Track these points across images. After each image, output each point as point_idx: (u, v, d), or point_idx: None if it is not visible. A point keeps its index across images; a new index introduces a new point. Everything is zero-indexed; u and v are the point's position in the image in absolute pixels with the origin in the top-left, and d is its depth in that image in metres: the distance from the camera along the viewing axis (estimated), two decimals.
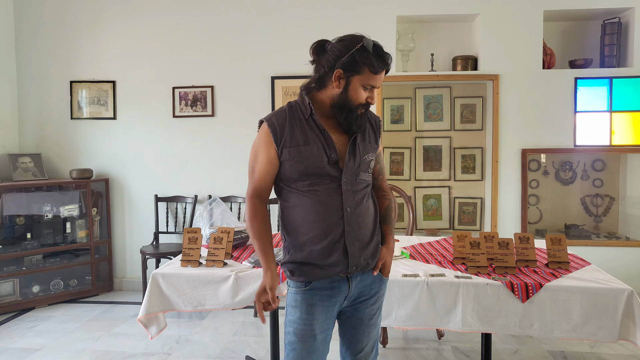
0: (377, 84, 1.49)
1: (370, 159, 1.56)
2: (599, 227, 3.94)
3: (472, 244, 2.11)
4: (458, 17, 3.86)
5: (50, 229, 3.94)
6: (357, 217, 1.51)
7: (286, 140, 1.49)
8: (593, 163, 3.94)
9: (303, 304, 1.51)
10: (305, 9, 3.88)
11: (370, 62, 1.45)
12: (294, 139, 1.49)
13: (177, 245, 3.87)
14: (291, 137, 1.49)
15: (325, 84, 1.53)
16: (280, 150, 1.49)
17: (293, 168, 1.49)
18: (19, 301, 3.68)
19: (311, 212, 1.49)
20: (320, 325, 1.52)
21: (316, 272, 1.50)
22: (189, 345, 3.00)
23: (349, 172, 1.50)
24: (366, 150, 1.56)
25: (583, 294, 1.88)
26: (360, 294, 1.58)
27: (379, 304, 1.64)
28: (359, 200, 1.52)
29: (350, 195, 1.50)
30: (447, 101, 4.10)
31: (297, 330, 1.51)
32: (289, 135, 1.50)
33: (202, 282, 2.10)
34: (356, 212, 1.50)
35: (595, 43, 3.89)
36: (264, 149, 1.51)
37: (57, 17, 4.10)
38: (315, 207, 1.49)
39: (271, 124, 1.52)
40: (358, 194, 1.52)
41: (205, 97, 4.01)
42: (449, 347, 2.93)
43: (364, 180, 1.55)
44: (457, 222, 4.15)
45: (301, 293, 1.52)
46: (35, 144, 4.17)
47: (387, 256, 1.60)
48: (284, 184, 1.54)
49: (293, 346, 1.52)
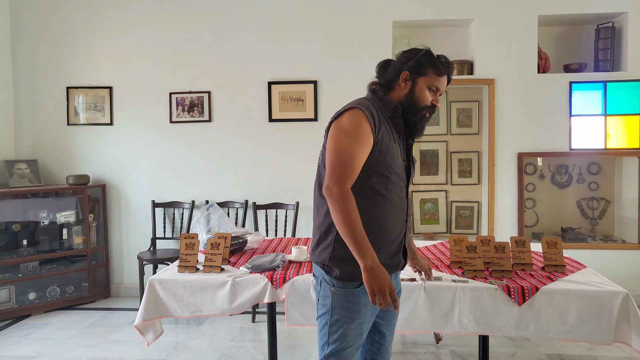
0: (442, 87, 1.57)
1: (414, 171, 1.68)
2: (595, 230, 3.96)
3: (469, 248, 2.11)
4: (454, 22, 3.89)
5: (47, 235, 3.93)
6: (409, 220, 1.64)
7: (382, 133, 1.48)
8: (588, 166, 3.96)
9: (356, 304, 1.50)
10: (302, 15, 3.90)
11: (435, 64, 1.54)
12: (386, 134, 1.50)
13: (174, 251, 3.86)
14: (384, 131, 1.50)
15: (392, 87, 1.58)
16: (376, 141, 1.46)
17: (381, 163, 1.46)
18: (15, 308, 3.66)
19: (386, 214, 1.50)
20: (367, 324, 1.57)
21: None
22: (186, 352, 2.99)
23: (410, 179, 1.63)
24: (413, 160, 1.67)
25: (579, 297, 1.89)
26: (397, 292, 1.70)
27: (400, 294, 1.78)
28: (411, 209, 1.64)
29: (410, 203, 1.64)
30: (444, 105, 4.12)
31: (348, 330, 1.50)
32: (383, 128, 1.49)
33: (200, 288, 2.10)
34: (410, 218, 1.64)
35: (590, 47, 3.92)
36: (363, 136, 1.43)
37: (53, 23, 4.10)
38: (390, 208, 1.52)
39: (369, 113, 1.46)
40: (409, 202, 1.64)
41: (202, 103, 4.02)
42: (447, 351, 2.93)
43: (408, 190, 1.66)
44: (454, 226, 4.16)
45: (351, 294, 1.50)
46: (32, 150, 4.17)
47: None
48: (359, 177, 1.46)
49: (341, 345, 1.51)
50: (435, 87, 1.55)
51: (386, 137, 1.49)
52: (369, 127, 1.44)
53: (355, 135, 1.43)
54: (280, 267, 2.19)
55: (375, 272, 1.38)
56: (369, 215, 1.47)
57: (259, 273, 2.12)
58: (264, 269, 2.16)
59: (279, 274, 2.11)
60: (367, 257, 1.38)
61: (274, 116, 3.96)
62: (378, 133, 1.46)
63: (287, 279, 2.08)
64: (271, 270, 2.15)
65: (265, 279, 2.09)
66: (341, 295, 1.50)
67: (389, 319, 1.69)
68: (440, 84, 1.56)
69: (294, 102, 3.93)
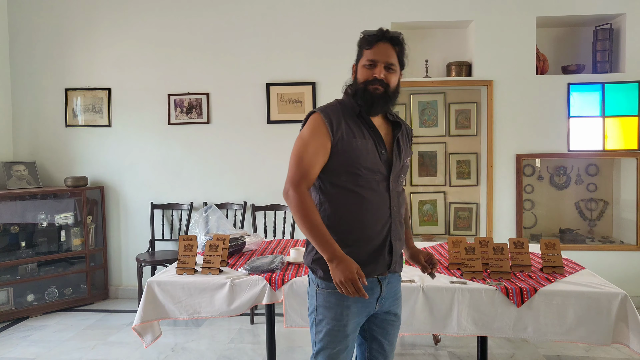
0: (377, 57, 1.49)
1: (408, 163, 1.64)
2: (593, 231, 3.97)
3: (467, 250, 2.11)
4: (452, 23, 3.90)
5: (45, 237, 3.92)
6: (398, 216, 1.57)
7: (342, 132, 1.49)
8: (587, 168, 3.97)
9: (338, 305, 1.50)
10: (300, 16, 3.91)
11: (362, 41, 1.54)
12: (349, 131, 1.50)
13: (172, 252, 3.85)
14: (347, 129, 1.50)
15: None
16: (335, 142, 1.49)
17: (347, 161, 1.48)
18: (13, 310, 3.65)
19: (362, 210, 1.49)
20: (353, 327, 1.53)
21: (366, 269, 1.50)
22: (185, 354, 2.99)
23: (395, 171, 1.55)
24: (406, 153, 1.62)
25: (577, 298, 1.89)
26: (389, 294, 1.59)
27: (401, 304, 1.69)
28: (400, 200, 1.59)
29: (395, 196, 1.56)
30: (442, 107, 4.13)
31: (330, 331, 1.51)
32: (344, 128, 1.50)
33: (198, 290, 2.10)
34: (399, 211, 1.58)
35: (588, 49, 3.93)
36: (318, 139, 1.49)
37: (51, 25, 4.10)
38: (366, 205, 1.49)
39: (326, 115, 1.51)
40: (401, 195, 1.60)
41: (200, 104, 4.02)
42: (446, 352, 2.93)
43: (401, 183, 1.62)
44: (452, 227, 4.16)
45: (336, 294, 1.50)
46: (30, 152, 4.16)
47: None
48: (329, 179, 1.52)
49: (324, 346, 1.52)
50: (370, 62, 1.50)
51: (349, 135, 1.49)
52: (324, 129, 1.49)
53: (310, 139, 1.49)
54: (278, 269, 2.19)
55: (335, 263, 1.39)
56: (344, 213, 1.50)
57: (258, 275, 2.12)
58: (262, 271, 2.16)
59: (278, 275, 2.11)
60: (326, 251, 1.41)
61: (272, 118, 3.96)
62: (336, 133, 1.49)
63: (285, 281, 2.08)
64: (270, 272, 2.15)
65: (263, 280, 2.09)
66: (324, 295, 1.52)
67: (385, 328, 1.61)
68: (373, 54, 1.49)
69: (292, 103, 3.93)
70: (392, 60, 1.51)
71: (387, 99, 1.52)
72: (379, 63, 1.49)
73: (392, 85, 1.52)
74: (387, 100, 1.53)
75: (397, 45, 1.52)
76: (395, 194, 1.56)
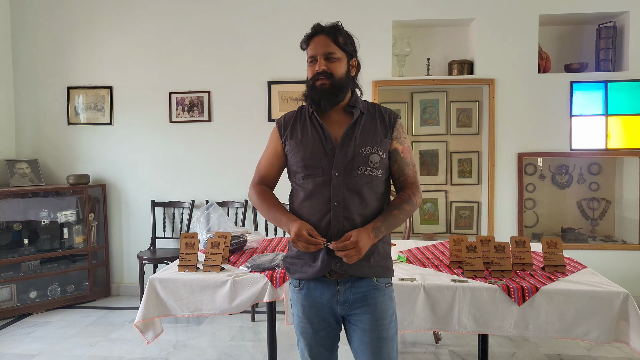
0: (314, 51, 1.53)
1: (369, 152, 1.50)
2: (595, 230, 3.96)
3: (469, 248, 2.11)
4: (454, 21, 3.89)
5: (48, 234, 3.93)
6: (345, 212, 1.47)
7: (289, 134, 1.59)
8: (589, 167, 3.96)
9: (298, 303, 1.59)
10: (301, 14, 3.90)
11: (302, 42, 1.59)
12: (295, 132, 1.58)
13: (174, 250, 3.86)
14: (293, 131, 1.59)
15: None
16: (284, 143, 1.60)
17: (292, 160, 1.57)
18: (16, 307, 3.67)
19: (303, 206, 1.53)
20: (317, 325, 1.56)
21: (306, 270, 1.52)
22: (186, 350, 3.00)
23: (339, 164, 1.48)
24: (365, 143, 1.51)
25: (579, 297, 1.89)
26: (355, 300, 1.51)
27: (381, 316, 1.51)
28: (351, 195, 1.48)
29: (340, 189, 1.48)
30: (443, 105, 4.12)
31: (297, 325, 1.61)
32: (291, 130, 1.59)
33: (199, 287, 2.10)
34: (345, 206, 1.47)
35: (591, 47, 3.91)
36: (271, 143, 1.65)
37: (53, 24, 4.11)
38: (306, 200, 1.52)
39: (279, 122, 1.65)
40: (353, 189, 1.48)
41: (202, 103, 4.02)
42: (446, 350, 2.93)
43: (363, 175, 1.49)
44: (453, 226, 4.16)
45: (296, 292, 1.59)
46: (32, 150, 4.17)
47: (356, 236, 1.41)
48: (290, 180, 1.62)
49: (298, 338, 1.62)
50: (311, 58, 1.55)
51: (294, 136, 1.57)
52: (276, 135, 1.63)
53: (268, 144, 1.67)
54: (280, 267, 2.19)
55: (289, 229, 1.48)
56: (292, 209, 1.59)
57: (259, 272, 2.13)
58: (263, 268, 2.16)
59: (279, 273, 2.11)
60: (282, 225, 1.52)
61: (273, 116, 3.96)
62: (284, 137, 1.60)
63: (286, 278, 2.08)
64: (271, 270, 2.15)
65: (265, 278, 2.09)
66: (291, 291, 1.63)
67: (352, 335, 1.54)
68: (311, 50, 1.54)
69: (293, 102, 3.93)
70: (330, 49, 1.51)
71: (334, 90, 1.51)
72: (317, 56, 1.52)
73: (337, 74, 1.51)
74: (335, 92, 1.52)
75: (332, 34, 1.52)
76: (340, 188, 1.47)
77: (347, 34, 1.57)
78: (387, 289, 1.56)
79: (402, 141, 1.58)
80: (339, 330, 1.62)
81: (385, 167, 1.55)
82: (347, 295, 1.51)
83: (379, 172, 1.52)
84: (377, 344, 1.50)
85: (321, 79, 1.51)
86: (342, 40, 1.53)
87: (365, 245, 1.42)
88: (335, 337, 1.61)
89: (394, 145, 1.56)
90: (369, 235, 1.44)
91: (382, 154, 1.52)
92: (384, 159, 1.53)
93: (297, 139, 1.56)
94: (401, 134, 1.59)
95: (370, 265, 1.50)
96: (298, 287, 1.58)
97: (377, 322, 1.51)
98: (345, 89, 1.55)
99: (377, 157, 1.51)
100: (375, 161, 1.51)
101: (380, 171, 1.53)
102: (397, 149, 1.57)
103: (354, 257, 1.41)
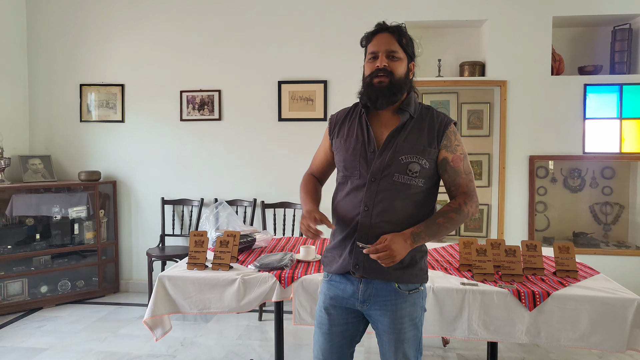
0: (377, 48, 1.51)
1: (409, 160, 1.48)
2: (608, 235, 3.90)
3: (479, 251, 2.09)
4: (465, 22, 3.86)
5: (59, 230, 3.98)
6: (375, 217, 1.47)
7: (337, 133, 1.62)
8: (602, 170, 3.90)
9: (322, 292, 1.63)
10: (312, 14, 3.90)
11: (364, 37, 1.57)
12: (342, 131, 1.61)
13: (182, 248, 3.88)
14: (341, 129, 1.62)
15: None
16: (332, 140, 1.65)
17: (336, 158, 1.62)
18: (27, 301, 3.71)
19: (339, 204, 1.58)
20: (334, 318, 1.57)
21: (332, 264, 1.59)
22: (193, 348, 3.01)
23: (376, 169, 1.49)
24: (405, 150, 1.48)
25: (591, 304, 1.86)
26: (374, 302, 1.52)
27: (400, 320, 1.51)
28: (383, 202, 1.47)
29: (373, 194, 1.48)
30: (454, 107, 4.09)
31: (317, 315, 1.63)
32: (340, 128, 1.62)
33: (208, 285, 2.11)
34: (375, 212, 1.47)
35: (606, 49, 3.86)
36: (324, 139, 1.71)
37: (67, 23, 4.15)
38: (342, 199, 1.57)
39: (331, 118, 1.69)
40: (387, 195, 1.47)
41: (212, 101, 4.03)
42: (454, 354, 2.91)
43: (399, 183, 1.48)
44: (463, 228, 4.13)
45: (324, 282, 1.64)
46: (45, 146, 4.22)
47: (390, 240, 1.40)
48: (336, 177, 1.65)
49: (315, 330, 1.64)
50: (372, 54, 1.53)
51: (341, 136, 1.60)
52: (327, 132, 1.68)
53: (322, 139, 1.73)
54: (288, 266, 2.19)
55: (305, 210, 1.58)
56: (333, 203, 1.63)
57: (267, 272, 2.13)
58: (272, 268, 2.16)
59: (287, 273, 2.11)
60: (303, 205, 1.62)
61: (283, 115, 3.96)
62: (333, 135, 1.64)
63: (295, 278, 2.08)
64: (279, 269, 2.15)
65: (273, 277, 2.09)
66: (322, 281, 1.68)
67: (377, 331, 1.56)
68: (373, 46, 1.52)
69: (303, 101, 3.93)
70: (393, 48, 1.49)
71: (392, 89, 1.48)
72: (379, 53, 1.50)
73: (397, 74, 1.49)
74: (393, 91, 1.49)
75: (397, 34, 1.51)
76: (372, 193, 1.48)
77: (410, 37, 1.56)
78: (411, 296, 1.53)
79: (453, 149, 1.52)
80: (357, 333, 1.60)
81: (429, 177, 1.52)
82: (366, 295, 1.53)
83: (419, 181, 1.49)
84: (396, 344, 1.53)
85: (380, 76, 1.48)
86: (405, 41, 1.53)
87: (400, 249, 1.40)
88: (351, 338, 1.59)
89: (443, 154, 1.52)
90: (405, 240, 1.42)
91: (425, 164, 1.49)
92: (426, 169, 1.49)
93: (342, 138, 1.59)
94: (452, 142, 1.53)
95: (388, 271, 1.49)
96: (327, 278, 1.63)
97: (395, 325, 1.51)
98: (403, 90, 1.52)
99: (418, 166, 1.48)
100: (415, 170, 1.48)
101: (421, 180, 1.50)
102: (446, 158, 1.52)
103: (386, 261, 1.39)
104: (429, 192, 1.54)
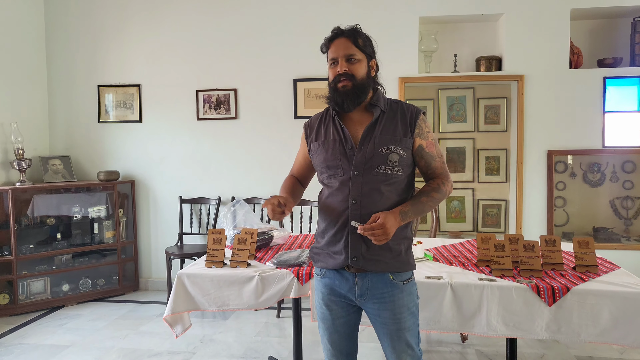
0: (335, 54, 1.57)
1: (388, 151, 1.54)
2: (629, 230, 3.83)
3: (497, 247, 2.08)
4: (482, 17, 3.82)
5: (79, 229, 4.06)
6: (363, 209, 1.53)
7: (314, 137, 1.68)
8: (623, 164, 3.83)
9: (319, 290, 1.68)
10: (327, 11, 3.90)
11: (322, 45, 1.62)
12: (319, 135, 1.66)
13: (200, 246, 3.93)
14: (317, 133, 1.67)
15: None
16: (309, 145, 1.70)
17: (316, 161, 1.66)
18: (49, 299, 3.80)
19: (326, 202, 1.63)
20: (335, 312, 1.64)
21: (327, 260, 1.62)
22: (213, 345, 3.05)
23: (358, 164, 1.54)
24: (384, 142, 1.55)
25: (612, 298, 1.83)
26: (371, 296, 1.57)
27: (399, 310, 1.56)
28: (370, 193, 1.53)
29: (358, 187, 1.54)
30: (471, 102, 4.05)
31: (318, 311, 1.69)
32: (317, 132, 1.68)
33: (227, 283, 2.13)
34: (363, 203, 1.53)
35: (625, 41, 3.78)
36: (301, 145, 1.79)
37: (85, 24, 4.22)
38: (329, 197, 1.62)
39: (306, 125, 1.76)
40: (371, 186, 1.53)
41: (228, 100, 4.07)
42: (473, 350, 2.89)
43: (382, 174, 1.54)
44: (480, 224, 4.10)
45: (318, 280, 1.68)
46: (65, 147, 4.30)
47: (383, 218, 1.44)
48: (318, 178, 1.70)
49: (319, 324, 1.70)
50: (332, 60, 1.59)
51: (318, 138, 1.65)
52: (303, 136, 1.75)
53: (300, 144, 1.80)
54: (306, 263, 2.20)
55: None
56: (320, 203, 1.67)
57: (285, 268, 2.14)
58: (290, 265, 2.17)
59: (305, 269, 2.12)
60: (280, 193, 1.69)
61: (299, 113, 3.98)
62: (309, 139, 1.70)
63: (312, 275, 2.09)
64: (297, 266, 2.16)
65: (291, 274, 2.11)
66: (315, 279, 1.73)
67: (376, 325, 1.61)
68: (332, 53, 1.58)
69: (319, 99, 3.93)
70: (350, 52, 1.55)
71: (356, 91, 1.55)
72: (339, 58, 1.56)
73: (358, 76, 1.55)
74: (357, 93, 1.55)
75: (352, 37, 1.56)
76: (358, 186, 1.53)
77: (366, 36, 1.61)
78: (406, 286, 1.60)
79: (425, 136, 1.61)
80: (359, 319, 1.69)
81: (407, 165, 1.59)
82: (363, 290, 1.58)
83: (398, 170, 1.56)
84: (398, 335, 1.58)
85: (343, 81, 1.55)
86: (362, 42, 1.58)
87: (392, 227, 1.46)
88: (355, 325, 1.69)
89: (417, 142, 1.60)
90: (395, 218, 1.48)
91: (402, 153, 1.56)
92: (404, 157, 1.57)
93: (320, 141, 1.65)
94: (423, 129, 1.61)
95: (384, 261, 1.55)
96: (320, 275, 1.67)
97: (395, 317, 1.57)
98: (367, 89, 1.59)
99: (397, 155, 1.55)
100: (394, 160, 1.55)
101: (401, 169, 1.57)
102: (421, 145, 1.60)
103: (381, 238, 1.44)
104: (408, 179, 1.61)
